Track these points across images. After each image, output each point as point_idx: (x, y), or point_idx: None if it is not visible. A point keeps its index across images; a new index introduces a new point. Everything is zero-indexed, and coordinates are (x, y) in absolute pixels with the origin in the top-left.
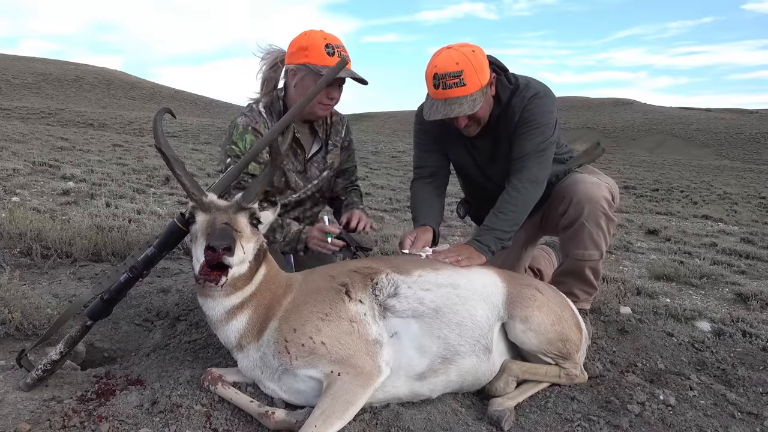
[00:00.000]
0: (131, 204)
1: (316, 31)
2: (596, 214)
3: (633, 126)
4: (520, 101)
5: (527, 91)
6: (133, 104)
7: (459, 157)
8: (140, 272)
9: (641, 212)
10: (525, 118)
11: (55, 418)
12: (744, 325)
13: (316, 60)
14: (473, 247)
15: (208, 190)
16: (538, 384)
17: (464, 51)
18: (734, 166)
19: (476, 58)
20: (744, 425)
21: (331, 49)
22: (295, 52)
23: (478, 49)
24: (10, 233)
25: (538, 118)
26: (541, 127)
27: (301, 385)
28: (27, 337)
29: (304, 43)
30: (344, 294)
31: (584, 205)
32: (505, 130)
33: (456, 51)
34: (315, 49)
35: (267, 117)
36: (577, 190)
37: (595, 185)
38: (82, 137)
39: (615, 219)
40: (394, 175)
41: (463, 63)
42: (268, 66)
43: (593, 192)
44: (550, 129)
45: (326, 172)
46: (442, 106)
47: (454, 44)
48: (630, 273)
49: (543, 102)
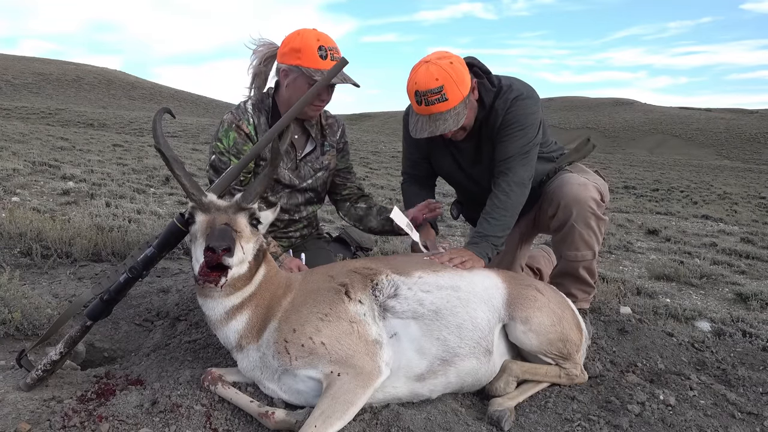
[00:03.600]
0: (131, 204)
1: (309, 31)
2: (585, 216)
3: (633, 126)
4: (503, 103)
5: (510, 93)
6: (133, 104)
7: (443, 161)
8: (140, 272)
9: (641, 212)
10: (508, 121)
11: (55, 418)
12: (744, 325)
13: (309, 63)
14: (472, 251)
15: (208, 191)
16: (538, 384)
17: (442, 65)
18: (734, 166)
19: (455, 70)
20: (744, 425)
21: (324, 52)
22: (288, 52)
23: (456, 58)
24: (10, 233)
25: (521, 120)
26: (524, 129)
27: (300, 386)
28: (27, 337)
29: (297, 44)
30: (344, 294)
31: (572, 208)
32: (488, 132)
33: (434, 65)
34: (308, 52)
35: (253, 115)
36: (565, 193)
37: (582, 186)
38: (82, 137)
39: (605, 217)
40: (394, 175)
41: (443, 78)
42: (259, 60)
43: (581, 193)
44: (533, 130)
45: (321, 173)
46: (427, 122)
47: (432, 56)
48: (630, 273)
49: (525, 104)
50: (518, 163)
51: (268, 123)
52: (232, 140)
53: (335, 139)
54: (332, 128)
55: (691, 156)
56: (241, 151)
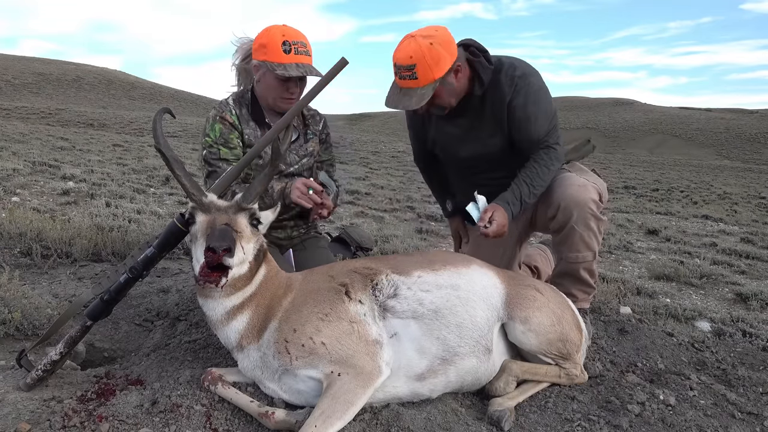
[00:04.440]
0: (131, 204)
1: (276, 27)
2: (585, 217)
3: (633, 126)
4: (509, 81)
5: (513, 70)
6: (133, 104)
7: (440, 139)
8: (140, 273)
9: (641, 212)
10: (522, 102)
11: (55, 418)
12: (744, 325)
13: (273, 58)
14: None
15: (208, 191)
16: (538, 384)
17: (421, 44)
18: (734, 166)
19: (432, 53)
20: (744, 425)
21: (287, 47)
22: (257, 48)
23: (440, 39)
24: (10, 233)
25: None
26: (539, 104)
27: (301, 386)
28: (27, 337)
29: (263, 40)
30: (344, 294)
31: (572, 210)
32: (492, 108)
33: (414, 43)
34: (272, 47)
35: (234, 107)
36: (565, 195)
37: (582, 188)
38: (82, 137)
39: (603, 218)
40: (394, 175)
41: (417, 57)
42: (241, 58)
43: (581, 195)
44: (549, 102)
45: (306, 159)
46: (396, 95)
47: (419, 32)
48: (630, 273)
49: (532, 80)
50: (551, 137)
51: (249, 114)
52: (218, 131)
53: (317, 129)
54: (314, 118)
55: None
56: (228, 140)
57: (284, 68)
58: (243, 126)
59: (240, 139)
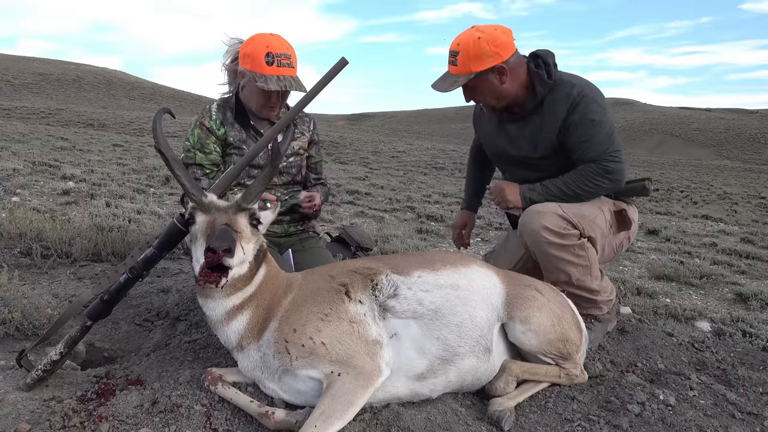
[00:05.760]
0: (131, 204)
1: (262, 37)
2: (540, 246)
3: (633, 126)
4: (565, 98)
5: (571, 88)
6: (133, 104)
7: (491, 140)
8: (140, 273)
9: (641, 212)
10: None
11: (55, 418)
12: (744, 325)
13: (256, 68)
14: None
15: (208, 191)
16: (538, 384)
17: (471, 35)
18: (734, 166)
19: (477, 45)
20: (744, 425)
21: (270, 59)
22: (243, 56)
23: (490, 35)
24: (10, 233)
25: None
26: (597, 127)
27: (301, 386)
28: (27, 337)
29: (249, 49)
30: (344, 294)
31: (526, 239)
32: (543, 122)
33: (467, 33)
34: (256, 58)
35: (216, 111)
36: (521, 222)
37: (537, 214)
38: (82, 137)
39: (572, 242)
40: (394, 175)
41: (463, 45)
42: (230, 59)
43: (532, 223)
44: (605, 124)
45: (293, 158)
46: (440, 77)
47: (482, 26)
48: (630, 273)
49: (591, 101)
50: (605, 156)
51: (234, 117)
52: (196, 136)
53: (305, 127)
54: (302, 119)
55: (691, 156)
56: (204, 145)
57: (265, 80)
58: (227, 128)
59: (217, 143)
